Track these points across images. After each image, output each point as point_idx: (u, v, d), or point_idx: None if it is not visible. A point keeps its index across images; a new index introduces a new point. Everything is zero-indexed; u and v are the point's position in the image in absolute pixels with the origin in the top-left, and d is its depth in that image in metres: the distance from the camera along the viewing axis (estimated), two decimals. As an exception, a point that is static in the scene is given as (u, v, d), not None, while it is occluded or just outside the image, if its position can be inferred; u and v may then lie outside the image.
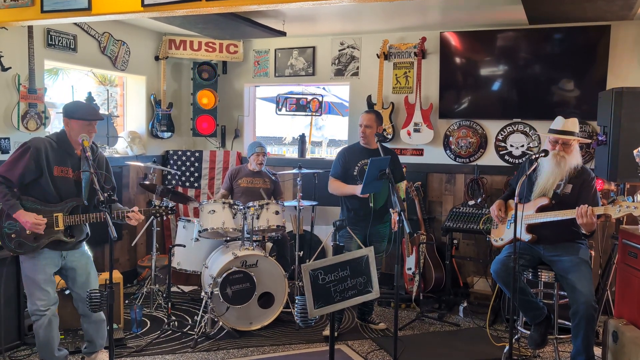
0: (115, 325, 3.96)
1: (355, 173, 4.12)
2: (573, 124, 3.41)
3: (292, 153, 8.18)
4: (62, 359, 3.37)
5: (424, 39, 5.22)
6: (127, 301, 4.73)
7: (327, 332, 4.11)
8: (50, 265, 3.20)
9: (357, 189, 3.90)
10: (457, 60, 5.17)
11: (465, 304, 4.72)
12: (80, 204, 3.22)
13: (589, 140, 4.26)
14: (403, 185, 4.31)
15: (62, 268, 3.29)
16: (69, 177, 3.21)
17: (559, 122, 3.42)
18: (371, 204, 4.03)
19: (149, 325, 4.37)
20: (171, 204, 3.60)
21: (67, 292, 3.66)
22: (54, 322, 3.24)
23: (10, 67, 4.20)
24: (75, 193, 3.23)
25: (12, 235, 3.12)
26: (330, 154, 9.20)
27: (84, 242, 3.40)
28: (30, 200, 3.13)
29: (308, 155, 6.33)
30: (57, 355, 3.32)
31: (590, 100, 4.59)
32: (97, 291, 2.86)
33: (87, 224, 3.33)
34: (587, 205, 3.13)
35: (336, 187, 4.17)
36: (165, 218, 3.38)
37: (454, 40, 5.13)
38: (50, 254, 3.19)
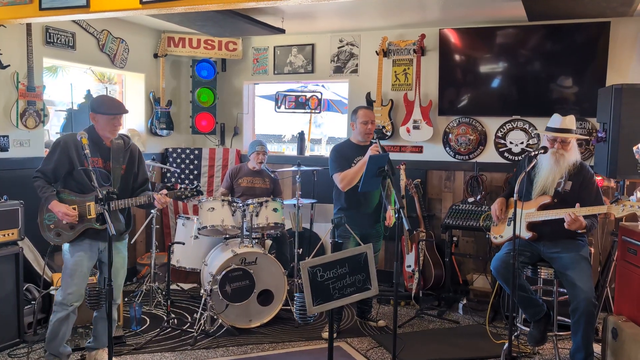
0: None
1: None
2: (571, 122, 3.40)
3: (291, 151, 8.17)
4: (65, 356, 3.37)
5: (423, 36, 5.20)
6: (126, 299, 4.73)
7: (325, 334, 4.09)
8: (88, 258, 3.29)
9: (366, 156, 3.72)
10: (457, 57, 5.16)
11: (464, 301, 4.72)
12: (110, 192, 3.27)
13: (587, 137, 4.24)
14: None
15: (98, 260, 3.40)
16: (100, 167, 3.31)
17: (557, 120, 3.41)
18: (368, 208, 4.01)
19: (148, 322, 4.37)
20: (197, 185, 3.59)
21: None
22: (71, 318, 3.29)
23: (9, 65, 4.20)
24: (107, 183, 3.32)
25: (51, 226, 3.28)
26: (329, 151, 9.16)
27: (125, 239, 3.49)
28: (67, 192, 3.28)
29: (307, 153, 6.32)
30: (61, 352, 3.34)
31: (589, 96, 4.57)
32: (96, 288, 2.88)
33: (123, 215, 3.43)
34: (570, 212, 3.18)
35: (347, 174, 3.93)
36: (190, 199, 3.44)
37: (453, 37, 5.12)
38: (90, 245, 3.30)
